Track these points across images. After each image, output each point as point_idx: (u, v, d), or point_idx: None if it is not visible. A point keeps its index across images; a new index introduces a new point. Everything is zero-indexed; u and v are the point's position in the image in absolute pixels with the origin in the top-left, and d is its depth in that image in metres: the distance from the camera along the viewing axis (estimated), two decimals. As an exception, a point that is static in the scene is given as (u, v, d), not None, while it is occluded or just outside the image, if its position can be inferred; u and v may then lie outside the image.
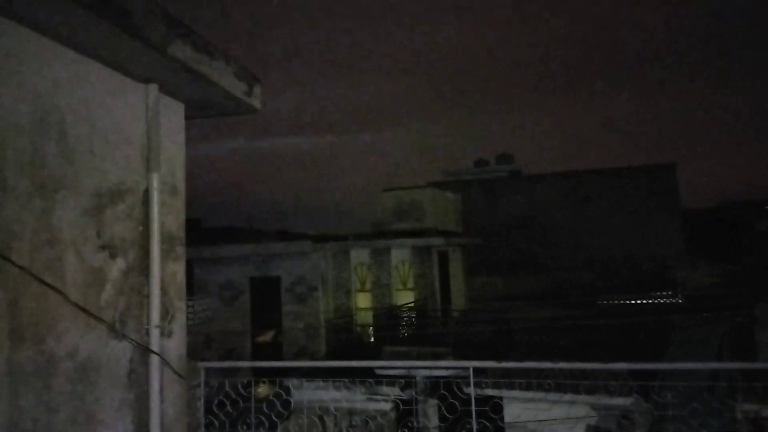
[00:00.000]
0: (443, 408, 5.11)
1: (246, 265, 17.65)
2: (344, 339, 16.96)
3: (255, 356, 17.13)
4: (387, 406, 10.92)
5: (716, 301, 13.33)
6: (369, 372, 10.95)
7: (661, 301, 17.40)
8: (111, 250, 2.71)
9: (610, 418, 9.24)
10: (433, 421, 11.21)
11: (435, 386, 10.57)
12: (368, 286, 17.92)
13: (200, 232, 22.45)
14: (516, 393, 9.38)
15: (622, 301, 17.27)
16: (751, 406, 8.16)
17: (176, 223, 3.24)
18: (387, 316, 16.57)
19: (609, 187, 30.26)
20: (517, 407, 9.53)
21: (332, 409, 10.72)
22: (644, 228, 29.14)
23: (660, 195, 29.52)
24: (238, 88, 3.18)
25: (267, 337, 18.18)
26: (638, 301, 17.26)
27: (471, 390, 4.14)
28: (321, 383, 11.39)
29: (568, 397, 8.76)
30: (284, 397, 10.16)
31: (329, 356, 15.75)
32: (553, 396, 9.11)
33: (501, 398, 9.28)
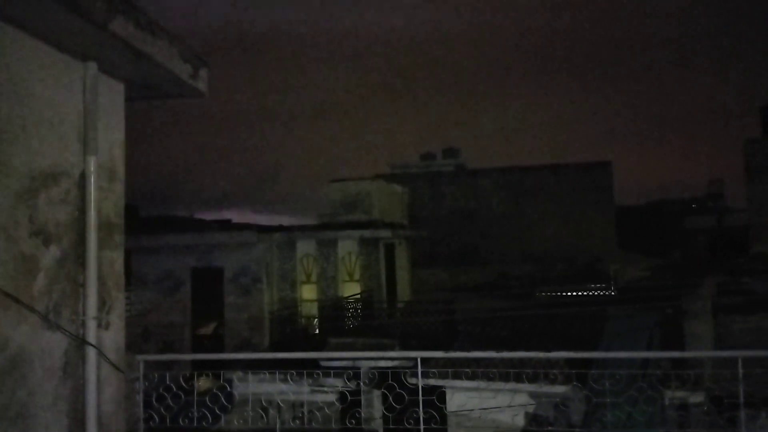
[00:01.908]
0: (390, 398, 5.14)
1: (187, 255, 17.18)
2: (289, 331, 16.83)
3: (196, 349, 16.75)
4: (332, 398, 10.92)
5: (647, 293, 13.99)
6: (314, 363, 10.90)
7: (596, 293, 18.12)
8: (44, 236, 2.57)
9: (549, 406, 9.57)
10: (378, 412, 11.30)
11: (381, 377, 10.65)
12: (314, 277, 17.82)
13: (138, 221, 21.67)
14: (459, 383, 9.57)
15: (559, 293, 17.89)
16: (679, 393, 8.62)
17: (114, 210, 3.10)
18: (333, 307, 16.54)
19: (548, 182, 31.26)
20: (460, 396, 9.73)
21: (277, 401, 10.63)
22: (580, 222, 30.30)
23: (595, 191, 30.76)
24: (182, 70, 3.07)
25: (208, 329, 17.80)
26: (574, 293, 17.93)
27: (418, 380, 4.18)
28: (265, 375, 11.26)
29: (509, 385, 9.01)
30: (227, 389, 9.99)
31: (273, 348, 15.58)
32: (495, 385, 9.34)
33: (445, 388, 9.45)
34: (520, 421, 9.70)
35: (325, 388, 11.16)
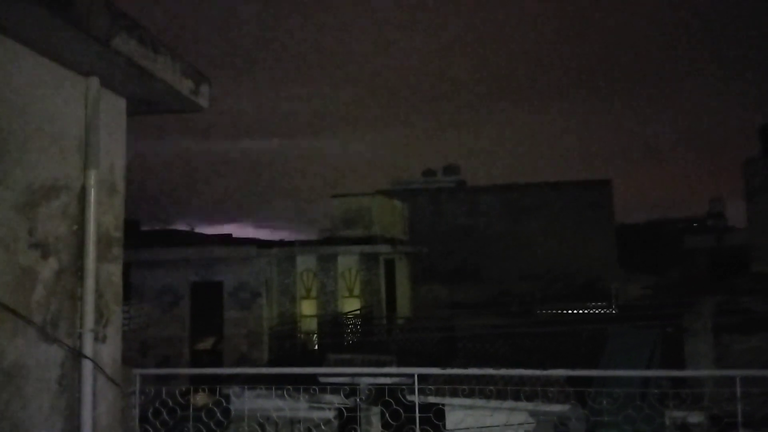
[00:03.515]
0: (387, 415, 5.11)
1: (187, 269, 17.16)
2: (288, 346, 16.74)
3: (194, 364, 16.65)
4: (330, 414, 10.83)
5: (647, 311, 13.94)
6: (312, 379, 10.83)
7: (596, 311, 18.04)
8: (43, 249, 2.58)
9: (547, 425, 9.49)
10: (376, 429, 11.20)
11: (379, 394, 10.58)
12: (314, 293, 17.78)
13: (139, 235, 21.68)
14: (458, 400, 9.50)
15: (559, 311, 17.82)
16: (679, 412, 8.56)
17: (114, 223, 3.12)
18: (332, 323, 16.48)
19: (548, 200, 31.27)
20: (459, 414, 9.65)
21: (274, 417, 10.55)
22: (580, 240, 30.25)
23: (595, 209, 30.75)
24: (184, 86, 3.11)
25: (207, 344, 17.72)
26: (574, 311, 17.85)
27: (415, 397, 4.17)
28: (263, 391, 11.19)
29: (508, 403, 8.95)
30: (224, 405, 9.92)
31: (272, 364, 15.50)
32: (493, 403, 9.28)
33: (443, 405, 9.38)
34: (519, 440, 9.61)
35: (323, 405, 11.08)
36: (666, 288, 21.61)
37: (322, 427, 10.71)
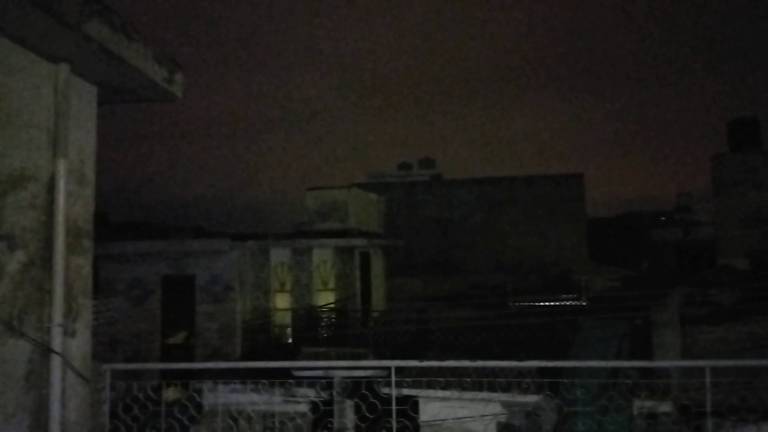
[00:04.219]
0: (364, 408, 5.11)
1: (158, 262, 16.87)
2: (261, 340, 16.62)
3: (165, 359, 16.41)
4: (304, 408, 10.81)
5: (617, 304, 14.22)
6: (287, 373, 10.78)
7: (567, 303, 18.33)
8: (10, 240, 2.49)
9: (521, 415, 9.63)
10: (351, 422, 11.21)
11: (354, 387, 10.58)
12: (288, 286, 17.66)
13: (108, 227, 21.23)
14: (432, 392, 9.56)
15: (531, 303, 18.05)
16: (648, 402, 8.76)
17: (84, 215, 3.03)
18: (307, 316, 16.40)
19: (521, 194, 31.63)
20: (434, 406, 9.72)
21: (248, 411, 10.47)
22: (553, 233, 30.71)
23: (567, 203, 31.23)
24: (157, 74, 3.02)
25: (178, 338, 17.47)
26: (546, 303, 18.11)
27: (392, 389, 4.16)
28: (236, 385, 11.10)
29: (482, 395, 9.04)
30: (196, 400, 9.81)
31: (245, 358, 15.38)
32: (468, 394, 9.36)
33: (418, 397, 9.44)
34: (492, 430, 9.73)
35: (298, 398, 11.04)
36: (634, 280, 22.08)
37: (297, 420, 10.67)
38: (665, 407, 9.19)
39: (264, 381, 9.70)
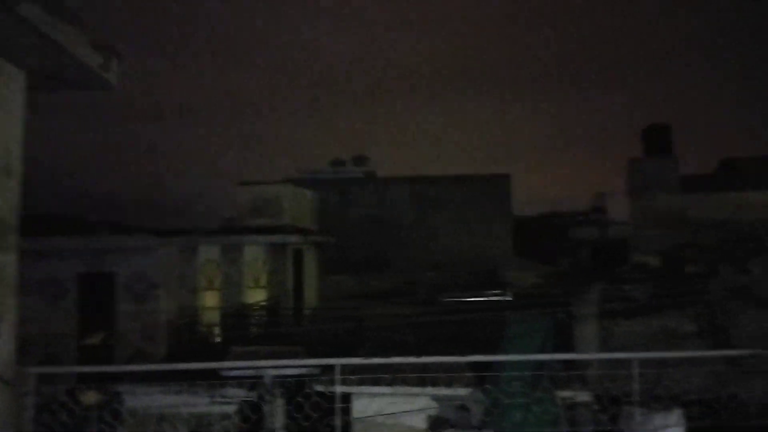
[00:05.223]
0: (294, 407, 5.07)
1: (73, 259, 15.94)
2: (188, 340, 16.10)
3: (83, 361, 15.57)
4: (231, 409, 10.58)
5: (541, 299, 14.86)
6: (213, 374, 10.49)
7: (494, 299, 18.94)
8: (-74, 235, 2.29)
9: (451, 408, 9.88)
10: (280, 421, 11.08)
11: (291, 386, 10.47)
12: (217, 284, 17.20)
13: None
14: (365, 388, 9.62)
15: (461, 299, 18.51)
16: (568, 392, 9.23)
17: (8, 208, 2.83)
18: (237, 315, 16.05)
19: (452, 192, 32.40)
20: (363, 401, 9.78)
21: (170, 414, 10.13)
22: (481, 231, 31.66)
23: (495, 202, 32.30)
24: (93, 60, 2.86)
25: (95, 338, 16.63)
26: (475, 299, 18.63)
27: (336, 387, 4.16)
28: (160, 387, 10.71)
29: (414, 390, 9.20)
30: (116, 403, 9.38)
31: (170, 359, 14.85)
32: (399, 389, 9.50)
33: (351, 394, 9.47)
34: (422, 424, 9.93)
35: (226, 399, 10.79)
36: (557, 276, 23.15)
37: (225, 421, 10.45)
38: (583, 397, 9.72)
39: (190, 382, 9.42)
